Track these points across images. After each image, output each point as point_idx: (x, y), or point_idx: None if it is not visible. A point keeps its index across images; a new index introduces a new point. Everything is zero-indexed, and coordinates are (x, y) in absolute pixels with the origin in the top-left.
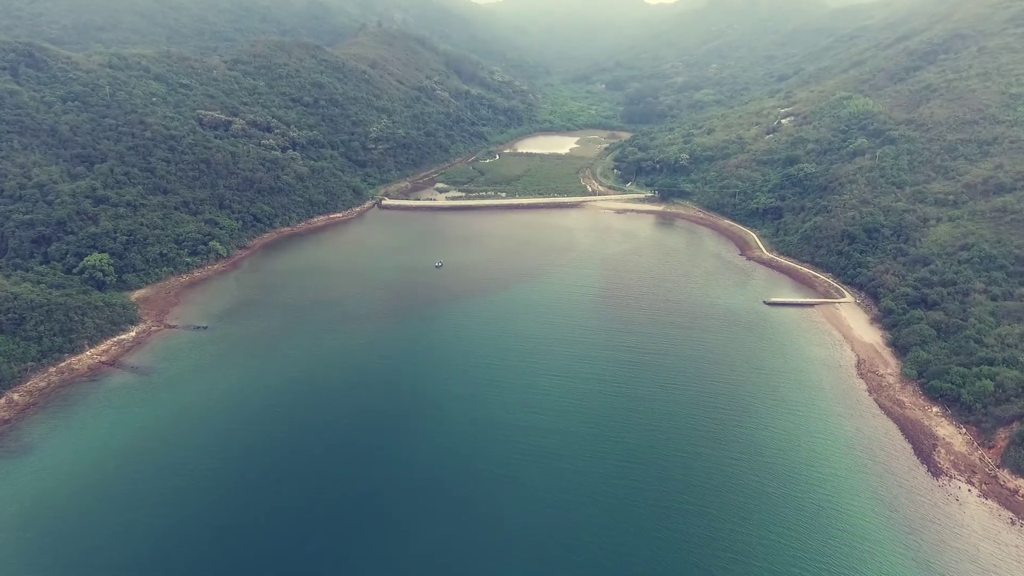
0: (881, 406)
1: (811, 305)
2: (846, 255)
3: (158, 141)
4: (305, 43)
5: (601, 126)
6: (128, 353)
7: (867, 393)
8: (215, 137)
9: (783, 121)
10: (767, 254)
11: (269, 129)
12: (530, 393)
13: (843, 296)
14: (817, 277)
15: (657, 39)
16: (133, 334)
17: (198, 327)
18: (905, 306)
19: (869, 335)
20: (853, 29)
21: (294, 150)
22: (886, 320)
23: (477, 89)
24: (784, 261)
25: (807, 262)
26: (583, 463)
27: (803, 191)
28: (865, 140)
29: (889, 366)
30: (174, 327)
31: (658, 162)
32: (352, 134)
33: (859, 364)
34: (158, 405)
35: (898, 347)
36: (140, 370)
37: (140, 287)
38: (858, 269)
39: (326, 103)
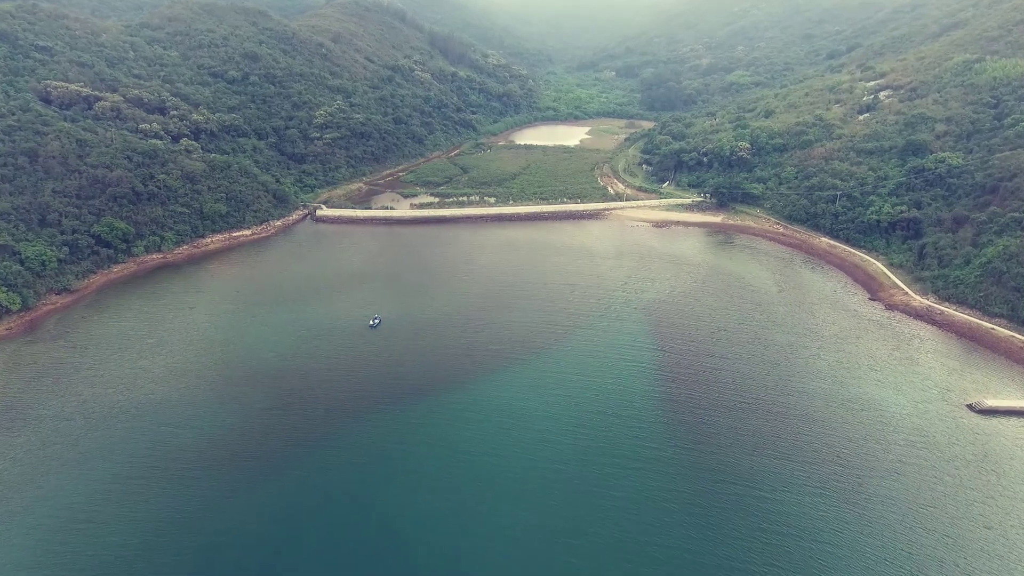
0: None
1: None
2: None
3: None
4: (245, 7)
5: (616, 114)
6: None
7: None
8: (62, 119)
9: (880, 96)
10: (918, 299)
11: (163, 110)
12: None
13: None
14: None
15: (671, 23)
16: None
17: None
18: None
19: None
20: None
21: (195, 139)
22: None
23: (466, 71)
24: (956, 313)
25: (1002, 316)
26: None
27: (949, 193)
28: None
29: None
30: None
31: (704, 154)
32: (291, 119)
33: None
34: None
35: None
36: None
37: None
38: None
39: (259, 79)
